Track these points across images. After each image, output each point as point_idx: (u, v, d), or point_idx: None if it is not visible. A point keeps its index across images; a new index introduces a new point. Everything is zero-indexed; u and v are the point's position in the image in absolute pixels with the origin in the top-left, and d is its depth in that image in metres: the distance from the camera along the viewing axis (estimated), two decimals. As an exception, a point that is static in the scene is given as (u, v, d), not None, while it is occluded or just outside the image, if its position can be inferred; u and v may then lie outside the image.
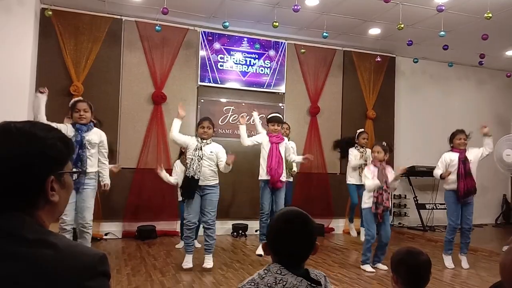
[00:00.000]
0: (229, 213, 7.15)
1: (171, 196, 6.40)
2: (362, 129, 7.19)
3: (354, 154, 6.87)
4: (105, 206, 6.50)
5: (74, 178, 1.08)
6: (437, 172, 5.36)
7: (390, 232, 5.09)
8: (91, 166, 4.30)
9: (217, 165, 4.79)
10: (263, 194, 5.45)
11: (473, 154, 5.31)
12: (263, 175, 5.48)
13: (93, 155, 4.33)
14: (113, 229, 6.66)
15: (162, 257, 5.44)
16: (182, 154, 5.86)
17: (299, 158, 6.02)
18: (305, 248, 1.50)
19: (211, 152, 4.72)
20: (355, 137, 7.03)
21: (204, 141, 4.74)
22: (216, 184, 4.81)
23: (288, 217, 1.54)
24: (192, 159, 4.67)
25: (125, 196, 6.72)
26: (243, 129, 5.48)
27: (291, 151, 5.84)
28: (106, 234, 6.57)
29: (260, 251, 5.44)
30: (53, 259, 0.88)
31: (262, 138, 5.58)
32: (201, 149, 4.70)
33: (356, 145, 6.91)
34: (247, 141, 5.49)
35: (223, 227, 7.09)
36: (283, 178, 5.49)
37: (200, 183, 4.68)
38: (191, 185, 4.65)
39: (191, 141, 4.79)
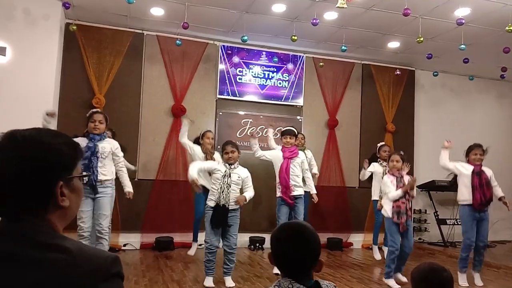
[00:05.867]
0: (246, 225, 7.12)
1: (190, 208, 6.43)
2: (383, 142, 6.89)
3: (378, 171, 6.40)
4: (124, 217, 6.57)
5: (84, 182, 1.09)
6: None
7: (412, 242, 5.00)
8: (105, 175, 4.35)
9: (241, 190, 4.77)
10: (280, 209, 5.27)
11: (487, 170, 5.21)
12: (279, 192, 5.33)
13: (106, 164, 4.39)
14: (131, 240, 6.71)
15: (179, 269, 5.46)
16: (199, 143, 5.90)
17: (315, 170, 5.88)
18: (303, 258, 1.50)
19: (238, 177, 4.66)
20: (376, 151, 6.73)
21: (232, 166, 4.68)
22: (238, 208, 4.74)
23: (285, 227, 1.58)
24: (221, 186, 4.60)
25: (143, 207, 6.78)
26: (254, 142, 5.48)
27: (306, 165, 5.58)
28: (124, 245, 6.63)
29: (277, 270, 5.24)
30: (66, 263, 0.88)
31: (274, 154, 5.45)
32: (229, 175, 4.63)
33: (378, 159, 6.55)
34: (258, 153, 5.44)
35: (240, 240, 7.01)
36: (298, 191, 5.29)
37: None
38: (223, 214, 4.58)
39: (217, 166, 4.73)
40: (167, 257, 6.15)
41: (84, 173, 1.08)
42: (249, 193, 4.75)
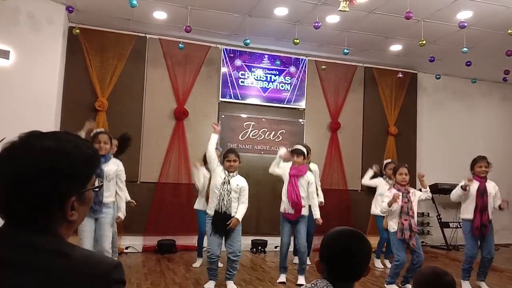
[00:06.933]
0: (248, 229, 7.10)
1: (192, 211, 6.43)
2: (389, 160, 6.57)
3: (381, 185, 6.17)
4: (126, 220, 6.51)
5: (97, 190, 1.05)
6: (456, 190, 5.09)
7: (423, 257, 4.79)
8: (108, 197, 4.26)
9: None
10: (283, 227, 5.16)
11: (492, 187, 5.09)
12: (282, 208, 5.18)
13: (110, 186, 4.30)
14: (133, 243, 6.72)
15: (181, 272, 5.46)
16: (206, 163, 5.86)
17: (320, 198, 5.58)
18: (359, 268, 1.52)
19: (237, 185, 4.61)
20: (382, 168, 6.41)
21: (231, 174, 4.63)
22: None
23: (344, 236, 1.56)
24: (221, 193, 4.55)
25: (146, 210, 6.78)
26: (276, 161, 5.37)
27: (313, 187, 5.24)
28: (126, 248, 6.64)
29: (282, 279, 5.13)
30: (67, 268, 0.88)
31: (283, 169, 5.27)
32: (229, 182, 4.58)
33: (384, 175, 6.26)
34: (274, 168, 5.37)
35: (242, 243, 7.04)
36: (303, 211, 5.10)
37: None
38: (223, 219, 4.52)
39: (218, 170, 4.67)
40: (169, 260, 6.15)
41: (98, 184, 1.05)
42: (242, 210, 4.62)
